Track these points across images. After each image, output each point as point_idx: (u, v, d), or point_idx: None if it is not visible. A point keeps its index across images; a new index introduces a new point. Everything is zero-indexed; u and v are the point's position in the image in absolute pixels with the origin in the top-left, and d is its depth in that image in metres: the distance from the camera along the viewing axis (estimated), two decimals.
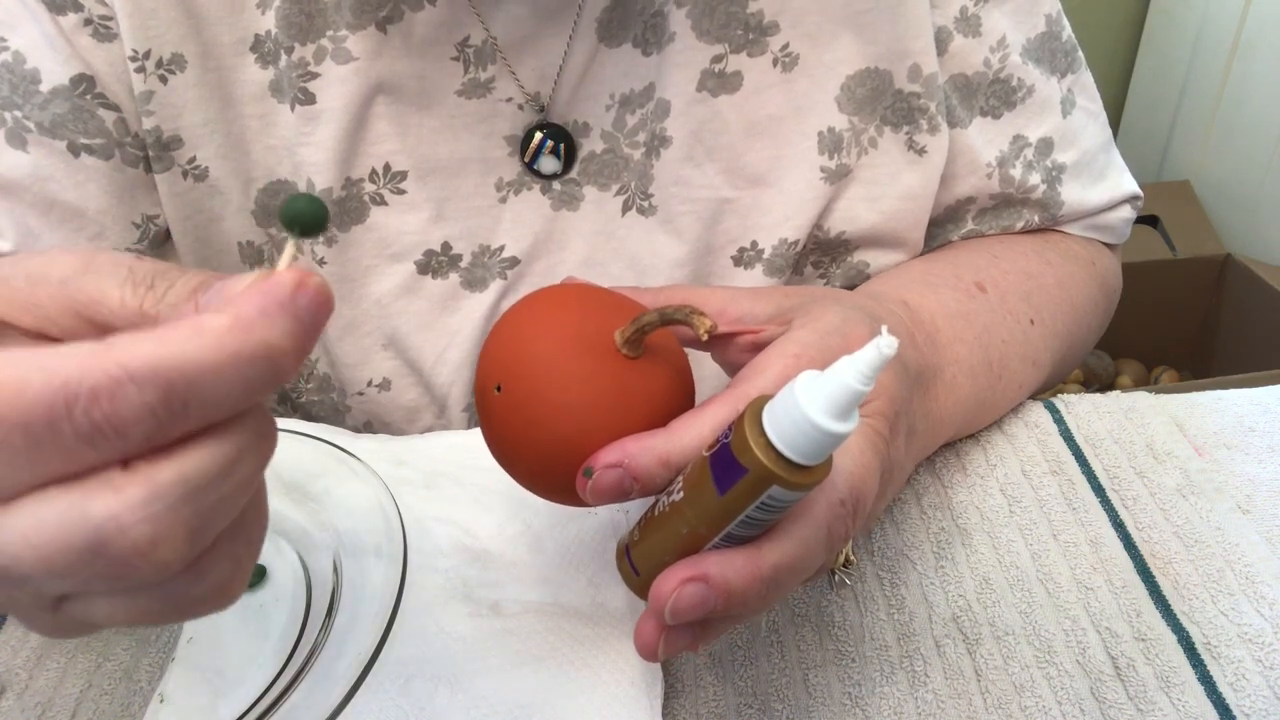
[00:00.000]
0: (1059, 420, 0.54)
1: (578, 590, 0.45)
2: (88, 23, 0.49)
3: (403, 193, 0.53)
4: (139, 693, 0.43)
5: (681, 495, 0.32)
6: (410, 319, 0.55)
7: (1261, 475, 0.50)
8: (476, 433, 0.40)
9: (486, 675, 0.42)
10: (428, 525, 0.48)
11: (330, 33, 0.50)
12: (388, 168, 0.52)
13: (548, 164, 0.54)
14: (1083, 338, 0.61)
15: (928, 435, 0.47)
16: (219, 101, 0.51)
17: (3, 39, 0.49)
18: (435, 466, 0.51)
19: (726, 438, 0.31)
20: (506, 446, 0.37)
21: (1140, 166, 1.64)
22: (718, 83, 0.53)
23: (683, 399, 0.37)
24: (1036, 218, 0.59)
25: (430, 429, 0.58)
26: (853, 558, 0.47)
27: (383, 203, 0.53)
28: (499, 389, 0.36)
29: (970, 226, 0.59)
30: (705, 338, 0.34)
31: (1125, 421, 0.53)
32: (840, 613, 0.45)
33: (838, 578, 0.46)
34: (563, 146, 0.53)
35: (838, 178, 0.55)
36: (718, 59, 0.52)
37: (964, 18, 0.54)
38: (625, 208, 0.55)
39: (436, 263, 0.54)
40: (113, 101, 0.51)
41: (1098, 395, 0.55)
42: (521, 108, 0.53)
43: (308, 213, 0.26)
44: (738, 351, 0.41)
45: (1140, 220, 1.41)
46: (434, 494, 0.50)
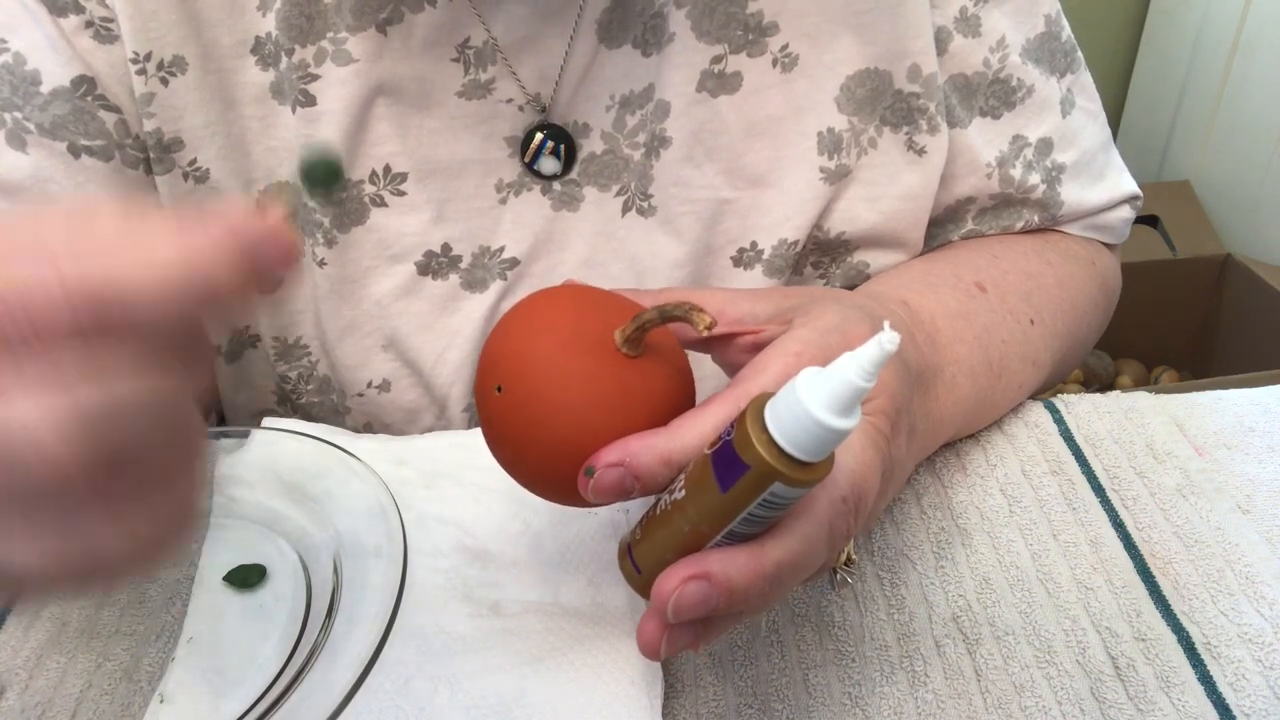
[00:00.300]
0: (1059, 420, 0.54)
1: (578, 590, 0.45)
2: (89, 24, 0.49)
3: (403, 194, 0.53)
4: (139, 693, 0.43)
5: (683, 493, 0.32)
6: (410, 320, 0.55)
7: (1261, 475, 0.50)
8: (476, 433, 0.40)
9: (486, 675, 0.42)
10: (428, 525, 0.48)
11: (330, 34, 0.50)
12: (388, 169, 0.52)
13: (548, 165, 0.54)
14: (1083, 338, 0.61)
15: (928, 435, 0.47)
16: (220, 103, 0.51)
17: (3, 40, 0.49)
18: (435, 466, 0.51)
19: (728, 435, 0.31)
20: (507, 447, 0.37)
21: (1140, 166, 1.64)
22: (717, 83, 0.53)
23: (684, 398, 0.37)
24: (1036, 218, 0.59)
25: (430, 430, 0.58)
26: (854, 556, 0.47)
27: (383, 204, 0.53)
28: (499, 390, 0.36)
29: (970, 226, 0.59)
30: (705, 333, 0.34)
31: (1125, 421, 0.53)
32: (840, 613, 0.45)
33: (839, 576, 0.46)
34: (563, 147, 0.53)
35: (837, 178, 0.55)
36: (717, 59, 0.52)
37: (964, 18, 0.54)
38: (625, 208, 0.55)
39: (437, 264, 0.54)
40: (113, 103, 0.51)
41: (1098, 395, 0.55)
42: (522, 109, 0.53)
43: (324, 173, 0.27)
44: (738, 352, 0.41)
45: (1140, 220, 1.41)
46: (434, 494, 0.50)
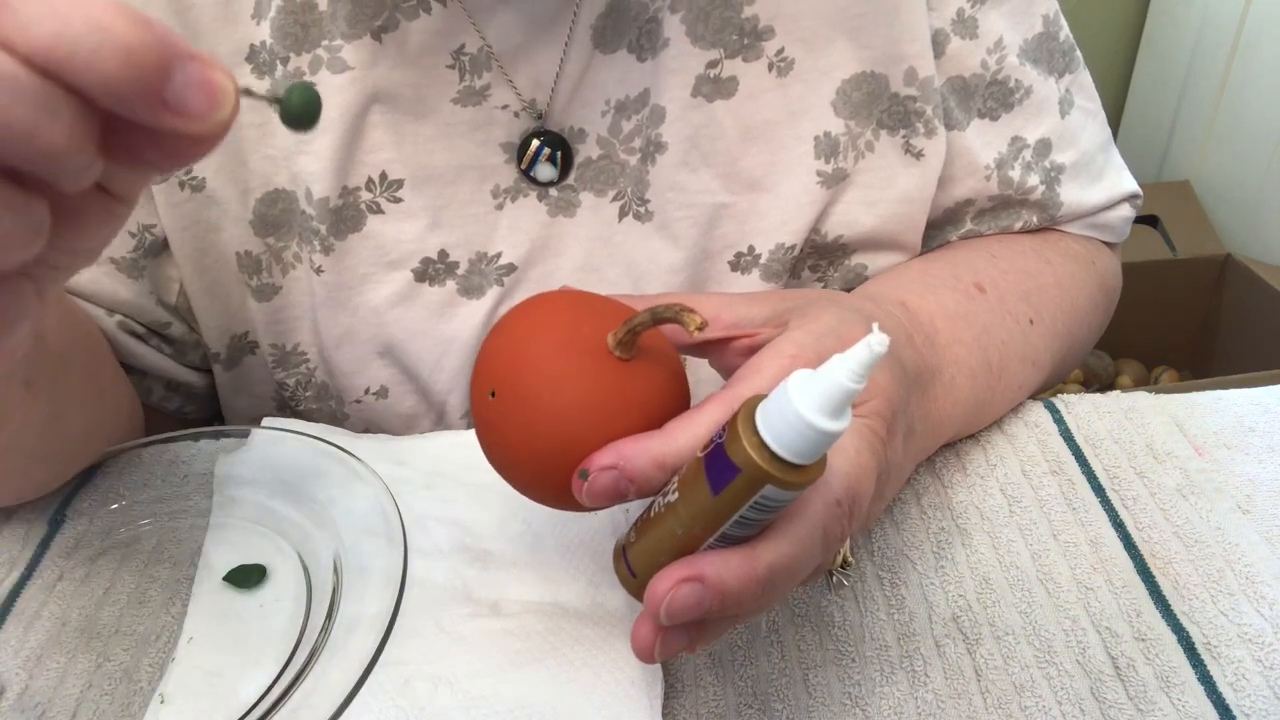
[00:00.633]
0: (1059, 420, 0.54)
1: (578, 590, 0.45)
2: None
3: (399, 201, 0.53)
4: (139, 693, 0.43)
5: (676, 496, 0.32)
6: (407, 327, 0.55)
7: (1261, 475, 0.50)
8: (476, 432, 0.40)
9: (486, 675, 0.42)
10: (428, 525, 0.48)
11: (325, 42, 0.50)
12: (384, 176, 0.52)
13: (544, 171, 0.54)
14: (1083, 337, 0.61)
15: (927, 436, 0.47)
16: None
17: None
18: (435, 466, 0.51)
19: (720, 438, 0.31)
20: (502, 452, 0.37)
21: (1140, 166, 1.64)
22: (713, 88, 0.53)
23: (678, 401, 0.37)
24: (1035, 218, 0.59)
25: None
26: (850, 559, 0.47)
27: (379, 211, 0.53)
28: (493, 394, 0.36)
29: (969, 227, 0.59)
30: (696, 334, 0.34)
31: (1125, 421, 0.53)
32: (840, 613, 0.45)
33: (836, 579, 0.46)
34: (559, 154, 0.53)
35: (834, 182, 0.55)
36: (713, 64, 0.52)
37: (961, 19, 0.54)
38: (621, 214, 0.55)
39: (433, 270, 0.54)
40: None
41: (1098, 395, 0.55)
42: (517, 115, 0.53)
43: (301, 101, 0.28)
44: (733, 356, 0.41)
45: (1140, 220, 1.41)
46: (434, 494, 0.50)
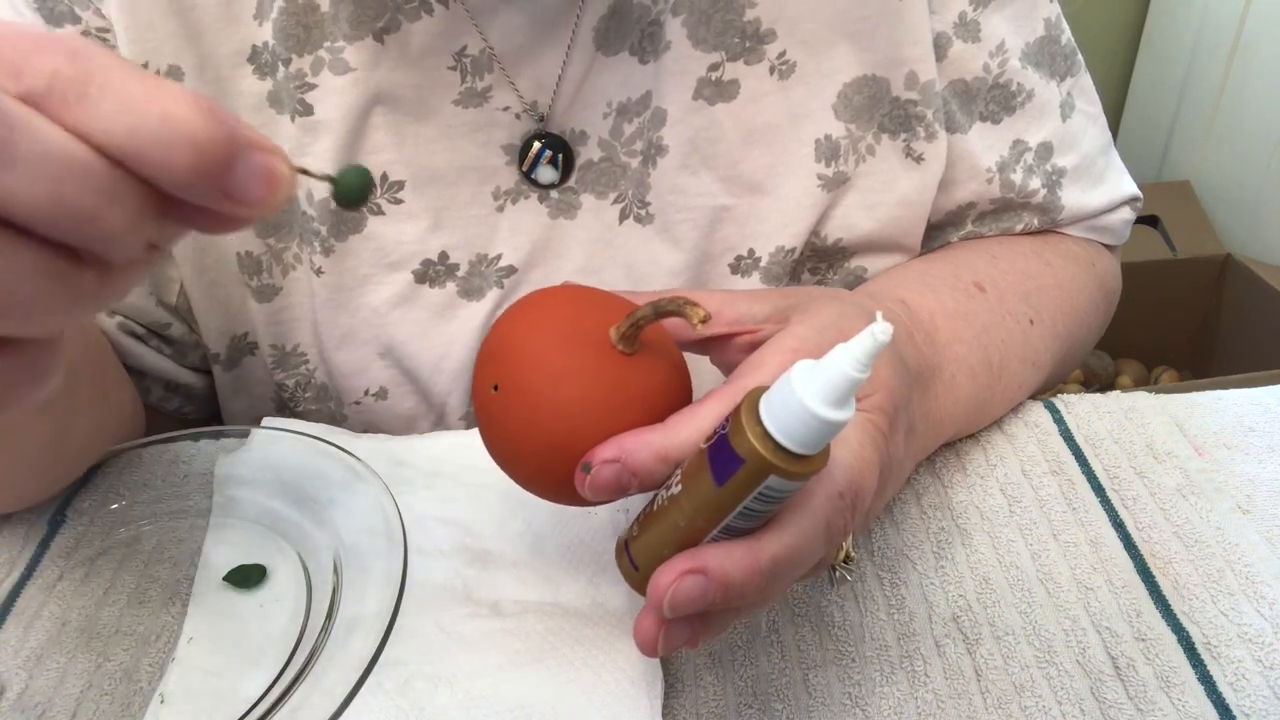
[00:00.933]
0: (1059, 420, 0.54)
1: (578, 590, 0.45)
2: (85, 35, 0.49)
3: (400, 202, 0.53)
4: (139, 693, 0.43)
5: (679, 489, 0.32)
6: (407, 328, 0.55)
7: (1261, 475, 0.50)
8: (476, 432, 0.40)
9: (486, 675, 0.42)
10: (428, 525, 0.48)
11: (328, 44, 0.50)
12: (385, 177, 0.52)
13: (545, 174, 0.53)
14: (1082, 339, 0.61)
15: (928, 434, 0.47)
16: None
17: None
18: (435, 466, 0.51)
19: (724, 429, 0.31)
20: (505, 446, 0.37)
21: (1140, 167, 1.64)
22: (714, 91, 0.53)
23: (680, 395, 0.37)
24: (1036, 220, 0.59)
25: None
26: (853, 553, 0.47)
27: (380, 212, 0.53)
28: (496, 388, 0.36)
29: (970, 229, 0.59)
30: (700, 327, 0.34)
31: (1125, 421, 0.53)
32: (840, 612, 0.45)
33: (838, 574, 0.46)
34: (561, 157, 0.53)
35: (835, 185, 0.55)
36: (714, 67, 0.52)
37: (963, 23, 0.54)
38: (622, 216, 0.55)
39: (434, 272, 0.54)
40: None
41: (1098, 395, 0.55)
42: (518, 117, 0.53)
43: (356, 183, 0.30)
44: (735, 352, 0.41)
45: (1140, 220, 1.41)
46: (434, 494, 0.50)
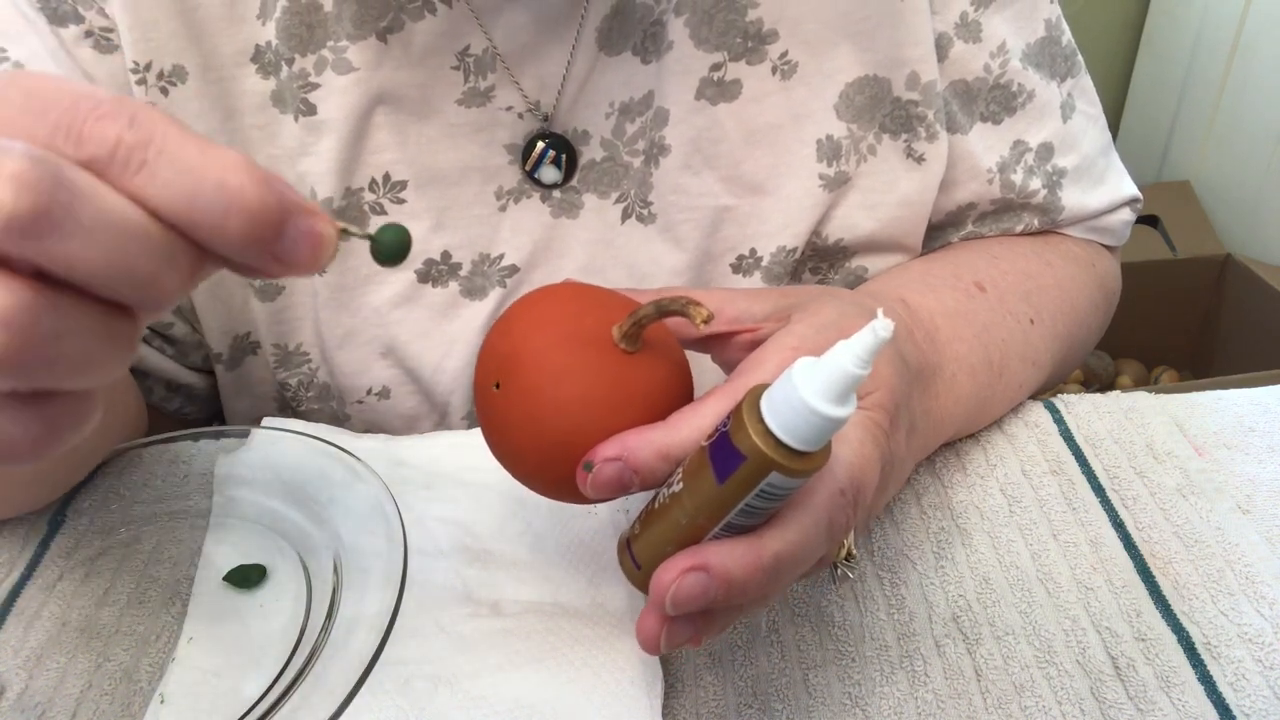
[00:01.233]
0: (1059, 420, 0.54)
1: (578, 590, 0.45)
2: (88, 34, 0.49)
3: (403, 202, 0.53)
4: (139, 693, 0.43)
5: (681, 486, 0.32)
6: (409, 328, 0.55)
7: (1261, 475, 0.50)
8: (476, 433, 0.40)
9: (486, 675, 0.42)
10: (428, 525, 0.48)
11: (331, 43, 0.50)
12: (387, 177, 0.52)
13: (548, 174, 0.53)
14: (1082, 339, 0.61)
15: (929, 433, 0.47)
16: (220, 113, 0.51)
17: (3, 50, 0.48)
18: (435, 466, 0.51)
19: (725, 426, 0.31)
20: (506, 443, 0.37)
21: (1140, 167, 1.64)
22: (716, 91, 0.53)
23: (681, 393, 0.37)
24: (1036, 221, 0.59)
25: None
26: (854, 551, 0.47)
27: (382, 212, 0.53)
28: (498, 386, 0.36)
29: (970, 229, 0.59)
30: (702, 327, 0.34)
31: (1125, 421, 0.53)
32: (840, 612, 0.45)
33: (840, 571, 0.46)
34: (564, 157, 0.53)
35: (836, 185, 0.55)
36: (716, 67, 0.52)
37: (964, 24, 0.54)
38: (624, 216, 0.55)
39: (436, 271, 0.54)
40: None
41: (1098, 395, 0.55)
42: (521, 116, 0.53)
43: (396, 243, 0.30)
44: (736, 350, 0.41)
45: (1140, 220, 1.41)
46: (434, 494, 0.50)
